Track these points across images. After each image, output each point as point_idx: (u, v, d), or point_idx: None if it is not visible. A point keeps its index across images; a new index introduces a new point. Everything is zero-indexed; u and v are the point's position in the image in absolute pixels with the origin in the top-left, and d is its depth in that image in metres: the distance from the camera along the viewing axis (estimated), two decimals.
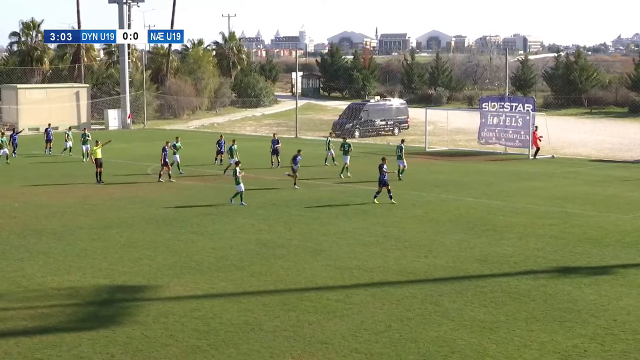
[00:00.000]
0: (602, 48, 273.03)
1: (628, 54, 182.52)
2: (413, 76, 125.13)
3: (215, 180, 45.58)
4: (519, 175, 48.18)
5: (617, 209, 36.08)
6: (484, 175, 48.39)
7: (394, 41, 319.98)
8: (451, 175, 48.17)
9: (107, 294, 23.02)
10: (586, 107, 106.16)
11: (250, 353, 18.02)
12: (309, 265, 25.91)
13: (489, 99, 66.94)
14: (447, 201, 38.29)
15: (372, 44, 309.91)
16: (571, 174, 49.17)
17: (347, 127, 78.33)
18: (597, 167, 53.32)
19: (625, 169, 51.60)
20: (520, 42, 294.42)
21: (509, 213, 35.05)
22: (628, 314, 20.74)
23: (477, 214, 34.75)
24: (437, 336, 19.11)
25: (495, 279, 24.29)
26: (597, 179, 46.37)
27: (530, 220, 33.42)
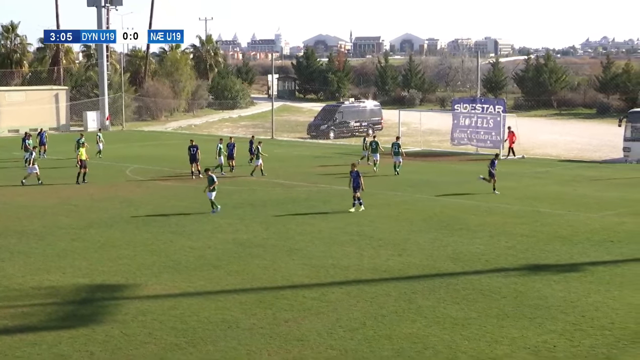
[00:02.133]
0: (571, 51, 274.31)
1: (596, 57, 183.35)
2: (387, 78, 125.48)
3: (193, 181, 45.51)
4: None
5: (586, 208, 36.27)
6: (457, 175, 48.56)
7: (368, 44, 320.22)
8: (425, 175, 48.31)
9: (86, 293, 22.95)
10: (555, 108, 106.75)
11: (228, 350, 18.03)
12: (285, 264, 25.92)
13: (461, 101, 67.23)
14: (420, 201, 38.40)
15: (346, 46, 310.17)
16: (542, 174, 49.41)
17: (322, 129, 78.56)
18: (567, 167, 53.61)
19: (593, 169, 51.90)
20: (491, 45, 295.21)
21: (481, 212, 35.17)
22: (596, 310, 20.86)
23: (450, 214, 34.85)
24: (411, 333, 19.17)
25: (468, 276, 24.38)
26: (567, 179, 46.62)
27: (502, 219, 33.56)
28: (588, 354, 17.77)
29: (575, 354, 17.76)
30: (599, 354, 17.77)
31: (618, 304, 21.37)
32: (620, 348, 18.13)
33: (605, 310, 20.89)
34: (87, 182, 44.38)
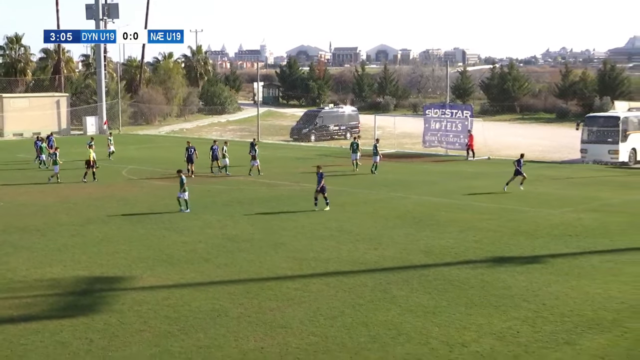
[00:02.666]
0: (533, 60, 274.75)
1: (555, 66, 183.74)
2: (363, 85, 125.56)
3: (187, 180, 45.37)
4: (460, 175, 48.47)
5: (547, 204, 36.39)
6: (428, 175, 48.64)
7: (346, 54, 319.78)
8: (398, 175, 48.36)
9: (85, 284, 22.88)
10: (519, 113, 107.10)
11: (217, 337, 18.01)
12: (270, 257, 25.90)
13: (432, 106, 67.41)
14: (395, 199, 38.43)
15: (326, 56, 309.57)
16: (506, 173, 49.38)
17: (304, 132, 78.59)
18: (529, 167, 53.66)
19: (554, 169, 52.07)
20: (459, 55, 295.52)
21: (451, 209, 35.23)
22: (556, 299, 20.94)
23: (422, 210, 34.89)
24: (386, 320, 19.19)
25: (438, 268, 24.41)
26: (530, 178, 46.66)
27: (470, 215, 33.63)
28: (549, 339, 17.83)
29: (537, 339, 17.82)
30: (559, 339, 17.83)
31: (576, 293, 21.45)
32: (578, 333, 18.20)
33: (564, 299, 20.97)
34: (96, 180, 44.89)
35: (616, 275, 23.36)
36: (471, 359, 16.69)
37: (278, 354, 17.02)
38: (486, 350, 17.19)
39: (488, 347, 17.34)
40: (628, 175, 48.86)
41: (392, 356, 16.84)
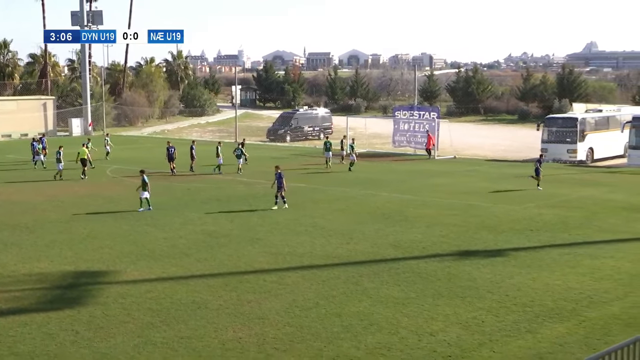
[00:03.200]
0: (496, 65, 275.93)
1: (517, 70, 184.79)
2: (336, 89, 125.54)
3: (166, 179, 45.28)
4: (427, 173, 48.60)
5: (509, 201, 36.56)
6: (397, 173, 48.74)
7: (320, 59, 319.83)
8: (369, 173, 48.42)
9: (72, 278, 22.80)
10: (482, 115, 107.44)
11: (197, 328, 18.00)
12: (247, 252, 25.89)
13: (401, 108, 67.44)
14: (366, 196, 38.48)
15: (300, 61, 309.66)
16: (471, 172, 49.72)
17: (280, 133, 78.51)
18: (493, 165, 53.99)
19: (516, 168, 52.30)
20: (427, 59, 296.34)
21: (418, 205, 35.32)
22: (518, 290, 21.05)
23: (391, 207, 34.97)
24: (358, 311, 19.23)
25: (407, 261, 24.48)
26: (493, 176, 46.95)
27: (437, 211, 33.73)
28: (512, 328, 17.93)
29: (501, 328, 17.92)
30: (521, 328, 17.94)
31: (537, 284, 21.59)
32: (539, 322, 18.32)
33: (526, 290, 21.09)
34: (85, 178, 45.49)
35: (574, 268, 23.52)
36: (439, 347, 16.75)
37: (256, 343, 17.02)
38: (453, 339, 17.26)
39: (454, 336, 17.41)
40: (585, 173, 49.18)
41: (364, 345, 16.87)
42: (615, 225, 30.40)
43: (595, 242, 27.33)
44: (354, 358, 16.16)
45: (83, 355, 16.40)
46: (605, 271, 23.03)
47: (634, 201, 36.42)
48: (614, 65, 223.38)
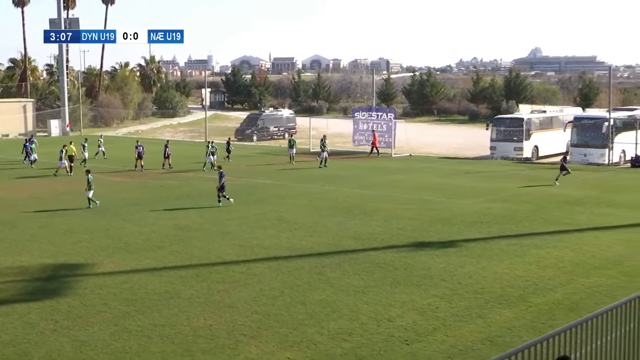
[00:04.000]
0: (448, 69, 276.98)
1: (468, 73, 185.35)
2: (299, 91, 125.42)
3: (140, 177, 45.06)
4: (385, 170, 48.74)
5: (462, 195, 36.77)
6: (357, 170, 48.82)
7: (284, 63, 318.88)
8: (331, 170, 48.44)
9: (51, 271, 22.62)
10: (436, 115, 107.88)
11: (170, 316, 17.93)
12: (217, 245, 25.82)
13: (360, 109, 67.58)
14: (328, 191, 38.52)
15: (266, 65, 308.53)
16: (426, 168, 49.94)
17: (247, 133, 78.36)
18: (446, 163, 54.27)
19: (467, 165, 52.64)
20: (384, 64, 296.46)
21: (377, 200, 35.42)
22: (470, 278, 21.19)
23: (352, 202, 35.02)
24: (321, 299, 19.25)
25: (367, 252, 24.55)
26: (446, 173, 47.20)
27: (394, 205, 33.84)
28: (464, 314, 18.05)
29: (454, 314, 18.02)
30: (473, 313, 18.06)
31: (487, 273, 21.74)
32: (489, 308, 18.45)
33: (477, 278, 21.23)
34: (72, 174, 45.57)
35: (521, 257, 23.71)
36: (396, 332, 16.82)
37: (225, 330, 16.99)
38: (409, 324, 17.33)
39: (411, 321, 17.49)
40: (531, 169, 49.60)
41: (327, 331, 16.90)
42: (559, 218, 30.69)
43: (541, 233, 27.57)
44: (318, 343, 16.17)
45: (62, 343, 16.28)
46: (549, 260, 23.25)
47: (576, 195, 36.78)
48: (557, 69, 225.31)
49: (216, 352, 15.71)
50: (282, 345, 16.09)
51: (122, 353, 15.71)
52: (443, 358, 15.31)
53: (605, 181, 42.65)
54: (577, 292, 19.83)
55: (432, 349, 15.87)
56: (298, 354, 15.61)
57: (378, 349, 15.88)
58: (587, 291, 19.83)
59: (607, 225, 29.11)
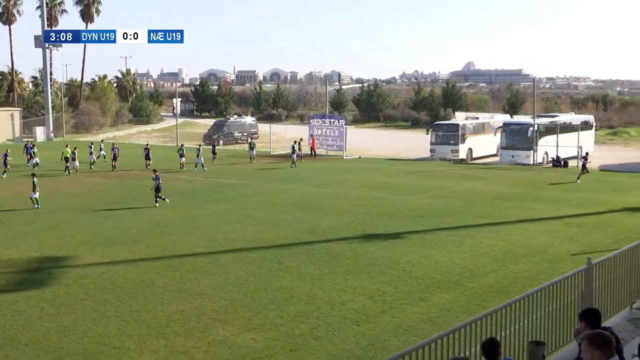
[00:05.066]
0: (393, 80, 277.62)
1: (410, 85, 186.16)
2: (261, 100, 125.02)
3: (118, 178, 44.64)
4: (337, 170, 48.81)
5: (405, 192, 36.97)
6: (313, 171, 48.85)
7: (247, 75, 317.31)
8: (290, 170, 48.43)
9: (37, 263, 22.34)
10: (382, 122, 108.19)
11: (146, 303, 17.82)
12: (188, 238, 25.69)
13: (315, 117, 67.59)
14: (288, 190, 38.49)
15: (231, 77, 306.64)
16: (374, 169, 50.12)
17: (214, 138, 77.89)
18: (391, 163, 54.52)
19: (410, 165, 52.92)
20: (336, 76, 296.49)
21: (331, 197, 35.47)
22: (413, 266, 21.33)
23: (309, 199, 35.05)
24: (281, 286, 19.24)
25: (322, 244, 24.59)
26: (392, 172, 47.42)
27: (346, 202, 33.93)
28: (407, 297, 18.17)
29: (399, 298, 18.14)
30: (415, 297, 18.19)
31: (428, 261, 21.90)
32: (429, 292, 18.60)
33: (419, 265, 21.37)
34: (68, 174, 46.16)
35: (458, 247, 23.93)
36: (348, 314, 16.88)
37: (196, 315, 16.92)
38: (360, 307, 17.40)
39: (361, 305, 17.56)
40: (466, 169, 50.04)
41: (287, 314, 16.90)
42: (490, 212, 31.02)
43: (475, 225, 27.85)
44: (278, 325, 16.17)
45: (48, 329, 16.11)
46: (482, 249, 23.50)
47: (505, 191, 37.20)
48: (488, 81, 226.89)
49: (187, 335, 15.64)
50: (247, 327, 16.06)
51: (103, 336, 15.58)
52: (390, 337, 15.40)
53: (531, 179, 43.18)
54: (507, 277, 20.07)
55: (380, 329, 15.96)
56: (261, 335, 15.60)
57: (332, 329, 15.92)
58: (516, 276, 20.09)
59: (532, 217, 29.50)
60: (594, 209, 31.23)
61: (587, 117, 64.48)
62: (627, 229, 26.33)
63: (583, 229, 26.87)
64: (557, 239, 25.10)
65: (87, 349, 14.93)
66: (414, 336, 15.14)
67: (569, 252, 22.92)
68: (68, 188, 39.81)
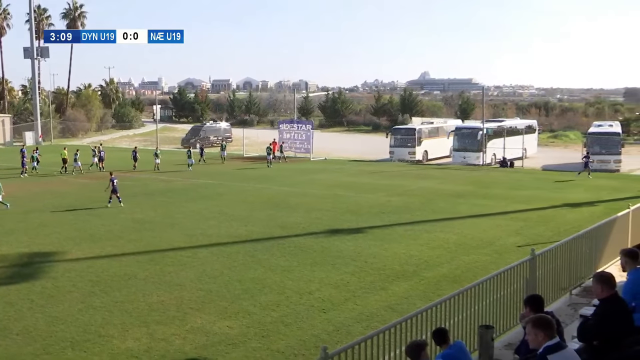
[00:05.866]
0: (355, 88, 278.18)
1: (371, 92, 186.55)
2: (234, 107, 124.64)
3: (103, 179, 44.13)
4: (305, 171, 48.80)
5: (367, 191, 37.08)
6: (283, 171, 48.77)
7: (222, 84, 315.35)
8: (261, 171, 48.31)
9: (27, 258, 22.01)
10: (346, 126, 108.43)
11: (129, 294, 17.67)
12: (168, 234, 25.50)
13: (284, 122, 67.51)
14: (259, 189, 38.39)
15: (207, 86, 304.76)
16: (338, 169, 50.18)
17: (192, 141, 77.48)
18: (354, 164, 54.63)
19: (371, 166, 53.10)
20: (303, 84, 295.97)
21: (300, 196, 35.45)
22: (374, 258, 21.40)
23: (279, 197, 34.99)
24: (254, 277, 19.20)
25: (291, 238, 24.56)
26: (355, 172, 47.52)
27: (313, 200, 33.94)
28: (370, 287, 18.22)
29: (362, 287, 18.19)
30: (377, 286, 18.25)
31: (388, 253, 21.98)
32: (390, 282, 18.67)
33: (380, 257, 21.45)
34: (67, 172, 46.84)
35: (415, 240, 24.05)
36: (315, 303, 16.90)
37: (175, 305, 16.82)
38: (326, 296, 17.43)
39: (327, 294, 17.58)
40: (422, 169, 50.34)
41: (259, 303, 16.87)
42: (444, 208, 31.22)
43: (430, 220, 28.01)
44: (252, 313, 16.14)
45: (37, 319, 15.91)
46: (437, 242, 23.64)
47: (457, 189, 37.48)
48: (442, 89, 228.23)
49: (167, 323, 15.54)
50: (222, 315, 16.00)
51: (89, 325, 15.43)
52: (353, 323, 15.44)
53: (480, 178, 43.56)
54: (459, 267, 20.22)
55: (345, 315, 15.99)
56: (235, 322, 15.55)
57: (301, 316, 15.92)
58: (467, 266, 20.25)
59: (482, 213, 29.76)
60: (537, 205, 31.60)
61: (531, 122, 65.36)
62: (567, 223, 26.68)
63: (527, 223, 27.17)
64: (504, 232, 25.34)
65: (74, 337, 14.77)
66: (375, 322, 15.18)
67: (515, 244, 23.16)
68: (56, 188, 39.30)
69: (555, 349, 6.38)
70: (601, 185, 39.01)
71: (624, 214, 15.95)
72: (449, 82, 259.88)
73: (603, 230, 15.00)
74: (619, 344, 7.35)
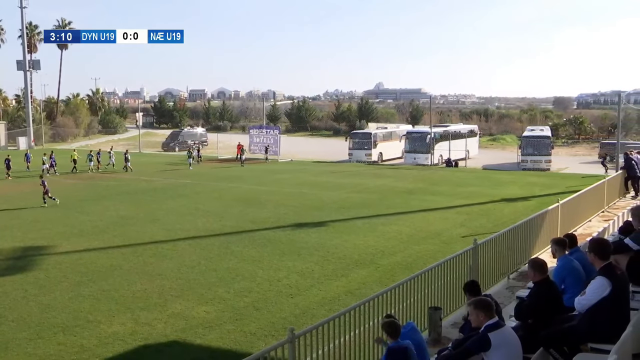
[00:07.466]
0: (318, 97, 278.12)
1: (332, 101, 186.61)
2: (210, 114, 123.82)
3: (90, 179, 43.54)
4: (273, 171, 48.65)
5: (329, 189, 37.13)
6: (254, 172, 48.58)
7: (198, 93, 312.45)
8: (235, 172, 48.03)
9: (20, 252, 21.66)
10: (309, 131, 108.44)
11: (115, 284, 17.49)
12: (150, 229, 25.25)
13: (254, 127, 67.30)
14: (232, 188, 38.19)
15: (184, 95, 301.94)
16: (303, 170, 50.14)
17: (171, 145, 77.00)
18: (317, 165, 54.65)
19: (332, 166, 53.16)
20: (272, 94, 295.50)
21: (268, 193, 35.36)
22: (336, 248, 21.46)
23: (250, 195, 34.86)
24: (228, 267, 19.13)
25: (261, 232, 24.51)
26: (318, 172, 47.51)
27: (281, 197, 33.87)
28: (332, 274, 18.28)
29: (325, 275, 18.23)
30: (338, 274, 18.31)
31: (348, 244, 22.06)
32: (349, 269, 18.75)
33: (341, 248, 21.52)
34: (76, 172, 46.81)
35: (372, 232, 24.18)
36: (284, 289, 16.89)
37: (157, 292, 16.69)
38: (293, 282, 17.43)
39: (294, 281, 17.59)
40: (378, 169, 50.57)
41: (233, 290, 16.82)
42: (398, 204, 31.42)
43: (385, 214, 28.18)
44: (226, 299, 16.08)
45: (31, 307, 15.66)
46: (391, 234, 23.80)
47: (409, 187, 37.74)
48: (394, 98, 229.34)
49: (150, 309, 15.41)
50: (200, 301, 15.91)
51: (78, 312, 15.23)
52: (317, 306, 15.47)
53: (429, 177, 43.92)
54: (411, 255, 20.39)
55: (310, 300, 16.01)
56: (211, 307, 15.48)
57: (271, 301, 15.91)
58: (418, 255, 20.42)
59: (431, 207, 30.02)
60: (478, 200, 31.97)
61: (473, 127, 66.12)
62: (505, 216, 27.05)
63: (470, 216, 27.48)
64: (450, 224, 25.60)
65: (65, 323, 14.56)
66: (337, 305, 15.24)
67: (459, 235, 23.41)
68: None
69: (495, 327, 6.48)
70: (534, 182, 39.62)
71: (554, 208, 16.24)
72: (401, 92, 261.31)
73: (536, 222, 15.24)
74: (550, 322, 7.48)
